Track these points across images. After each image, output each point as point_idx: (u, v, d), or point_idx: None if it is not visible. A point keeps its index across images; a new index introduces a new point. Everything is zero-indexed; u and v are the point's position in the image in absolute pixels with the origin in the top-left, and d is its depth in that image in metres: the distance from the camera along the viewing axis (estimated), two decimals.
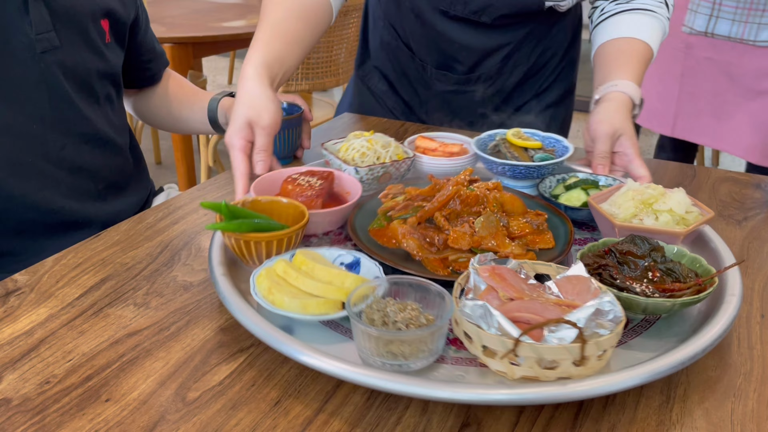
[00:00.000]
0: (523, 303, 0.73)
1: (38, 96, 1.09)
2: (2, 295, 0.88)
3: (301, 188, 0.99)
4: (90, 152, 1.19)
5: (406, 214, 0.97)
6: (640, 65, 1.26)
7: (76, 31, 1.14)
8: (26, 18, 1.05)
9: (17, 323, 0.82)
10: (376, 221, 0.99)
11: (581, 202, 1.05)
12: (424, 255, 0.90)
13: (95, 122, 1.19)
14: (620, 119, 1.17)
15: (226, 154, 1.30)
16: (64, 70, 1.12)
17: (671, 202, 0.94)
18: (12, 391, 0.71)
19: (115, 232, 1.05)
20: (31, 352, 0.77)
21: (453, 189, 0.96)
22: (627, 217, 0.94)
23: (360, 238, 0.94)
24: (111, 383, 0.72)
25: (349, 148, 1.12)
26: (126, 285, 0.90)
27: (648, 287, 0.80)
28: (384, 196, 1.02)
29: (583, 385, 0.67)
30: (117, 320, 0.83)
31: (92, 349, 0.77)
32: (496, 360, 0.69)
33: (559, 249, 0.94)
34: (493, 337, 0.68)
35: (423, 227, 0.94)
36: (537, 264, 0.83)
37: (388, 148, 1.13)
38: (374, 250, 0.91)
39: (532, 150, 1.19)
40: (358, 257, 0.87)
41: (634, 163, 1.13)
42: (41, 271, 0.93)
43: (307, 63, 2.82)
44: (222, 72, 5.81)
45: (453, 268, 0.89)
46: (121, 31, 1.25)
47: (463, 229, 0.91)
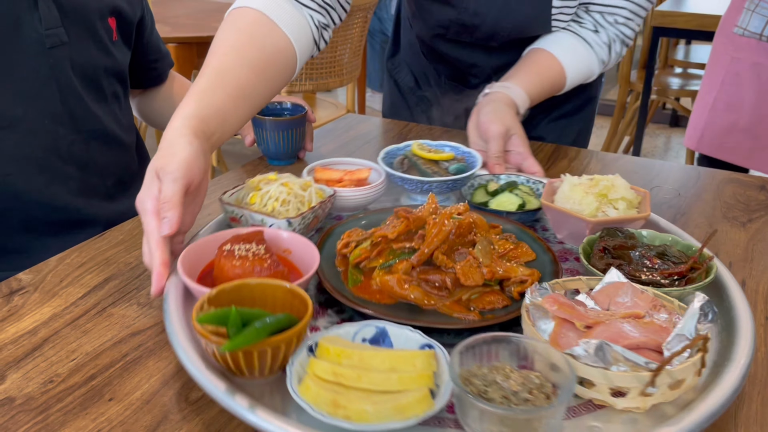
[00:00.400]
0: (608, 327, 0.67)
1: (48, 91, 1.10)
2: (6, 294, 0.88)
3: (248, 261, 0.79)
4: (98, 149, 1.20)
5: (388, 261, 0.86)
6: (543, 83, 1.30)
7: (83, 27, 1.15)
8: (35, 14, 1.06)
9: (21, 322, 0.82)
10: (351, 278, 0.85)
11: (517, 205, 1.04)
12: (437, 302, 0.81)
13: (103, 119, 1.20)
14: (510, 118, 1.20)
15: (230, 154, 1.30)
16: (73, 66, 1.13)
17: (621, 189, 0.96)
18: (16, 390, 0.71)
19: (119, 231, 1.05)
20: (34, 351, 0.77)
21: (449, 222, 0.85)
22: (593, 212, 0.95)
23: (354, 300, 0.80)
24: (114, 383, 0.72)
25: (264, 197, 0.95)
26: (130, 284, 0.90)
27: (654, 275, 0.81)
28: (344, 246, 0.88)
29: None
30: (120, 320, 0.83)
31: (96, 349, 0.78)
32: (627, 398, 0.65)
33: (547, 260, 0.89)
34: (625, 376, 0.63)
35: (422, 271, 0.84)
36: (567, 281, 0.80)
37: (307, 188, 0.98)
38: (385, 312, 0.78)
39: (446, 162, 1.14)
40: (380, 327, 0.73)
41: (528, 161, 1.17)
42: (45, 270, 0.93)
43: (311, 63, 2.82)
44: None
45: (474, 307, 0.81)
46: (128, 29, 1.26)
47: (470, 262, 0.83)
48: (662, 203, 1.19)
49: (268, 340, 0.65)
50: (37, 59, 1.08)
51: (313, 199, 0.97)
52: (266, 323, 0.66)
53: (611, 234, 0.89)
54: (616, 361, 0.64)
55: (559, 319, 0.71)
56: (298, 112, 1.30)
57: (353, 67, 3.12)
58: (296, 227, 0.92)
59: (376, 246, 0.87)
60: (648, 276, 0.81)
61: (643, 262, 0.83)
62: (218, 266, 0.81)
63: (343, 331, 0.72)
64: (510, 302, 0.82)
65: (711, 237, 0.88)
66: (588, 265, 0.85)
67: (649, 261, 0.83)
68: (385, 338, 0.73)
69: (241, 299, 0.71)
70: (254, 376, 0.68)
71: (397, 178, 1.09)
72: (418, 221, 0.87)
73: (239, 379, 0.69)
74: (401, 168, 1.13)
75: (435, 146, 1.19)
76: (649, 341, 0.66)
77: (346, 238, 0.89)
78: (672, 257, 0.85)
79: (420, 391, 0.62)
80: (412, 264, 0.84)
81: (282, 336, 0.65)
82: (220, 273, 0.80)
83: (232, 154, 3.95)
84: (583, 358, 0.64)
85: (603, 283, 0.76)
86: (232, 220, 0.97)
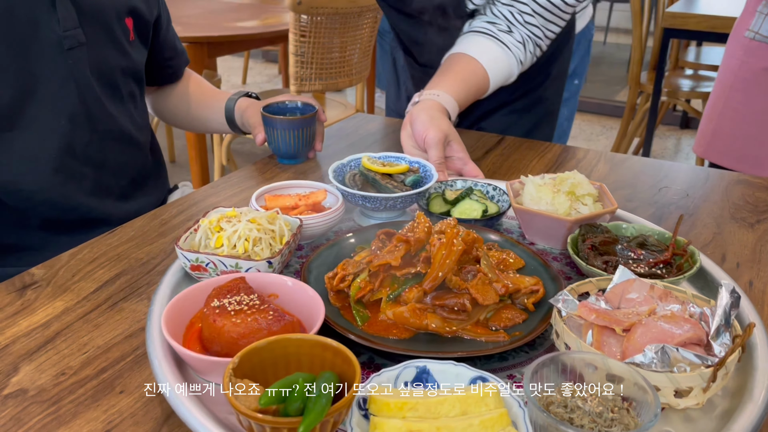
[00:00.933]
0: (647, 328, 0.68)
1: (66, 92, 1.11)
2: (19, 288, 0.89)
3: (248, 316, 0.72)
4: (113, 149, 1.21)
5: (395, 291, 0.81)
6: (470, 89, 1.33)
7: (101, 28, 1.16)
8: (54, 15, 1.07)
9: (34, 316, 0.83)
10: (357, 315, 0.80)
11: (480, 212, 1.04)
12: (458, 327, 0.77)
13: (119, 120, 1.21)
14: (447, 125, 1.21)
15: (239, 153, 1.32)
16: (91, 66, 1.14)
17: (585, 185, 0.99)
18: (28, 381, 0.72)
19: (130, 228, 1.06)
20: (47, 344, 0.78)
21: (458, 241, 0.81)
22: (567, 211, 0.96)
23: (373, 340, 0.75)
24: (125, 375, 0.73)
25: (232, 237, 0.86)
26: (140, 280, 0.92)
27: (641, 267, 0.83)
28: (340, 280, 0.82)
29: None
30: (131, 314, 0.84)
31: (107, 342, 0.79)
32: (689, 397, 0.65)
33: (536, 265, 0.89)
34: (690, 376, 0.63)
35: (435, 296, 0.80)
36: (580, 285, 0.79)
37: (274, 221, 0.90)
38: (410, 347, 0.74)
39: (401, 175, 1.10)
40: (420, 366, 0.68)
41: (468, 165, 1.20)
42: (57, 266, 0.95)
43: (320, 63, 2.83)
44: (236, 72, 5.84)
45: (495, 326, 0.79)
46: (145, 29, 1.27)
47: (481, 279, 0.80)
48: (670, 204, 1.19)
49: (331, 409, 0.58)
50: (55, 60, 1.09)
51: (285, 232, 0.90)
52: (327, 390, 0.59)
53: (590, 231, 0.92)
54: (675, 361, 0.64)
55: (597, 326, 0.70)
56: (309, 111, 1.30)
57: (362, 67, 3.13)
58: (276, 267, 0.85)
59: (375, 276, 0.82)
60: (635, 267, 0.83)
61: (627, 254, 0.85)
62: (212, 326, 0.71)
63: (384, 378, 0.67)
64: (527, 315, 0.81)
65: (680, 222, 0.93)
66: (587, 265, 0.85)
67: (633, 252, 0.86)
68: (428, 377, 0.68)
69: (273, 359, 0.65)
70: None
71: (357, 198, 1.02)
72: (418, 243, 0.82)
73: None
74: (355, 185, 1.06)
75: (382, 158, 1.14)
76: (693, 336, 0.67)
77: (341, 271, 0.82)
78: (652, 246, 0.88)
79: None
80: (424, 290, 0.79)
81: (342, 402, 0.59)
82: (216, 333, 0.71)
83: (242, 153, 3.97)
84: (645, 365, 0.64)
85: (614, 283, 0.77)
86: (193, 269, 0.86)
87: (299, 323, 0.75)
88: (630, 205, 1.17)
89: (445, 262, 0.79)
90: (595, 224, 0.93)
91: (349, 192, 1.02)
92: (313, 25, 2.71)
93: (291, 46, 2.73)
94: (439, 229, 0.83)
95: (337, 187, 1.04)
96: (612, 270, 0.82)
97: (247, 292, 0.76)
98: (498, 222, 1.05)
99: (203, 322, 0.73)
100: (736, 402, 0.68)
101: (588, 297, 0.77)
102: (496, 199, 1.08)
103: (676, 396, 0.65)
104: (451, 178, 1.13)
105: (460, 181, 1.12)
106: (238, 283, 0.77)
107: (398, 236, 0.83)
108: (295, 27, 2.68)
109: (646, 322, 0.69)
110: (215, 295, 0.75)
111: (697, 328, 0.67)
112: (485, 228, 0.97)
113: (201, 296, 0.77)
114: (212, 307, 0.73)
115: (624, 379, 0.62)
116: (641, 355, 0.64)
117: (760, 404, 0.67)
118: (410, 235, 0.83)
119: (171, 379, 0.68)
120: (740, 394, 0.69)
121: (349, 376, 0.63)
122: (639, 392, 0.61)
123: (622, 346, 0.68)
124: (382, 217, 1.06)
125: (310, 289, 0.79)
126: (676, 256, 0.87)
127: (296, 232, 0.91)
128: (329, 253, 0.91)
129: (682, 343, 0.66)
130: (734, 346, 0.65)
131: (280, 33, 2.92)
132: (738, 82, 1.85)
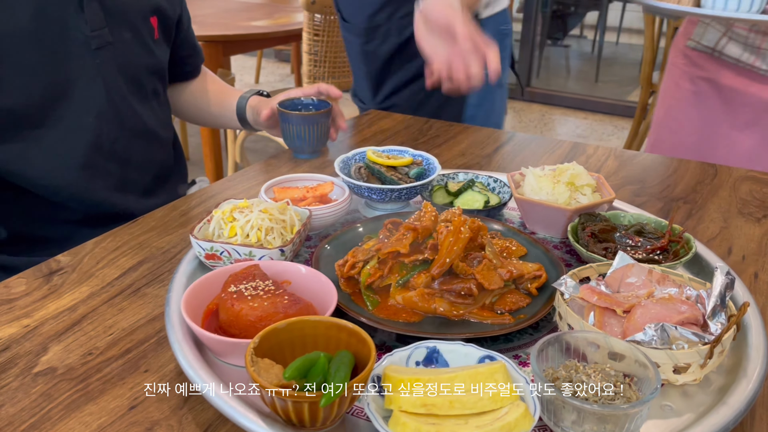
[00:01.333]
0: (646, 309, 0.71)
1: (94, 91, 1.14)
2: (46, 274, 0.93)
3: (265, 300, 0.75)
4: (138, 146, 1.24)
5: (403, 277, 0.84)
6: None
7: (127, 27, 1.19)
8: (81, 15, 1.11)
9: (61, 299, 0.87)
10: (368, 300, 0.83)
11: (482, 203, 1.06)
12: (465, 311, 0.81)
13: (144, 117, 1.24)
14: (457, 3, 1.13)
15: (253, 150, 1.37)
16: (117, 65, 1.17)
17: (584, 176, 1.02)
18: (57, 361, 0.76)
19: (151, 218, 1.10)
20: (74, 326, 0.82)
21: (465, 228, 0.84)
22: (567, 201, 0.99)
23: (384, 323, 0.78)
24: (149, 356, 0.77)
25: (245, 227, 0.89)
26: (162, 267, 0.95)
27: (639, 253, 0.86)
28: (351, 267, 0.85)
29: None
30: (154, 299, 0.88)
31: (131, 325, 0.82)
32: (687, 373, 0.68)
33: (539, 253, 0.91)
34: (688, 353, 0.66)
35: (442, 281, 0.83)
36: (581, 270, 0.82)
37: (285, 211, 0.93)
38: (420, 329, 0.77)
39: (405, 167, 1.14)
40: (430, 347, 0.71)
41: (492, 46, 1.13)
42: (82, 253, 0.98)
43: (333, 61, 2.86)
44: (249, 71, 5.89)
45: (500, 309, 0.82)
46: (168, 28, 1.31)
47: (487, 265, 0.83)
48: (678, 198, 1.21)
49: (349, 383, 0.61)
50: (83, 59, 1.12)
51: (296, 222, 0.93)
52: (345, 367, 0.63)
53: (590, 219, 0.95)
54: (674, 339, 0.67)
55: (599, 308, 0.73)
56: (323, 107, 1.34)
57: None
58: (288, 255, 0.88)
59: (384, 263, 0.85)
60: (633, 254, 0.86)
61: (625, 241, 0.89)
62: (230, 310, 0.74)
63: (396, 358, 0.69)
64: (530, 299, 0.84)
65: (676, 210, 0.99)
66: (587, 252, 0.88)
67: (631, 239, 0.89)
68: (438, 357, 0.71)
69: (291, 340, 0.69)
70: (321, 426, 0.64)
71: (363, 189, 1.06)
72: (425, 232, 0.85)
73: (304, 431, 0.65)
74: (360, 177, 1.10)
75: (387, 152, 1.17)
76: (690, 316, 0.70)
77: (351, 258, 0.86)
78: (649, 233, 0.92)
79: (519, 406, 0.61)
80: (432, 276, 0.82)
81: (360, 377, 0.62)
82: (233, 317, 0.74)
83: (255, 151, 4.01)
84: (645, 342, 0.67)
85: (614, 268, 0.79)
86: (208, 258, 0.89)
87: (313, 308, 0.78)
88: (638, 200, 1.19)
89: (453, 248, 0.82)
90: (594, 213, 0.96)
91: (355, 184, 1.06)
92: (327, 25, 2.74)
93: (304, 45, 2.77)
94: (446, 218, 0.87)
95: (344, 179, 1.07)
96: (611, 256, 0.85)
97: (262, 278, 0.79)
98: (499, 213, 1.08)
99: (221, 307, 0.76)
100: (732, 378, 0.71)
101: (589, 281, 0.80)
102: (498, 191, 1.11)
103: (674, 372, 0.68)
104: (452, 171, 1.16)
105: (462, 173, 1.15)
106: (253, 270, 0.80)
107: (406, 225, 0.86)
108: (309, 26, 2.72)
109: (645, 303, 0.71)
110: (232, 281, 0.78)
111: (693, 309, 0.70)
112: (488, 218, 1.00)
113: (217, 283, 0.80)
114: (230, 293, 0.76)
115: (625, 357, 0.65)
116: (641, 334, 0.67)
117: (753, 380, 0.70)
118: (417, 223, 0.86)
119: (191, 360, 0.71)
120: (735, 370, 0.72)
121: (364, 355, 0.66)
122: (640, 369, 0.63)
123: (623, 327, 0.70)
124: (387, 209, 1.10)
125: (323, 275, 0.82)
126: (673, 242, 0.90)
127: (306, 222, 0.94)
128: (338, 242, 0.94)
129: (680, 323, 0.69)
130: (729, 324, 0.68)
131: (293, 32, 2.96)
132: (679, 92, 1.80)
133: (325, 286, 0.80)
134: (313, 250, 0.98)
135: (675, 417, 0.67)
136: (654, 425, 0.66)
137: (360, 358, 0.66)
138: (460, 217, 0.86)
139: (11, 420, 0.67)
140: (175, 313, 0.78)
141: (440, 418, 0.62)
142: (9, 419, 0.67)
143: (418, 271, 0.84)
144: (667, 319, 0.69)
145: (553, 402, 0.61)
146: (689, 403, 0.69)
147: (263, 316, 0.73)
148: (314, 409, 0.61)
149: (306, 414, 0.62)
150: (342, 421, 0.66)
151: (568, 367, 0.64)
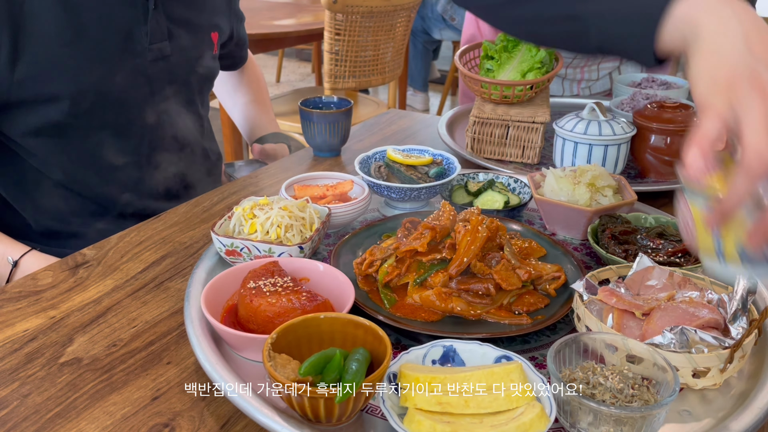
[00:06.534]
0: (666, 312, 0.70)
1: (142, 101, 1.16)
2: (72, 266, 0.95)
3: (283, 296, 0.75)
4: (175, 154, 1.26)
5: (421, 276, 0.84)
6: None
7: (189, 42, 1.21)
8: (144, 27, 1.12)
9: (86, 292, 0.89)
10: (385, 298, 0.83)
11: (502, 203, 1.06)
12: (482, 311, 0.80)
13: (187, 126, 1.27)
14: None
15: None
16: (170, 78, 1.19)
17: (605, 177, 1.01)
18: (83, 351, 0.77)
19: (173, 213, 1.11)
20: (99, 318, 0.84)
21: (483, 228, 0.84)
22: (588, 202, 0.99)
23: (401, 321, 0.78)
24: (171, 348, 0.78)
25: (266, 224, 0.90)
26: (184, 262, 0.97)
27: (661, 255, 0.85)
28: (369, 265, 0.86)
29: None
30: (177, 293, 0.89)
31: (154, 318, 0.84)
32: (707, 377, 0.67)
33: (558, 254, 0.91)
34: (708, 356, 0.65)
35: (459, 281, 0.83)
36: (601, 272, 0.82)
37: (305, 209, 0.94)
38: (436, 329, 0.77)
39: (425, 167, 1.14)
40: (447, 346, 0.71)
41: None
42: (107, 247, 1.00)
43: (354, 61, 2.87)
44: (270, 70, 5.93)
45: (518, 310, 0.82)
46: (224, 43, 1.36)
47: (504, 265, 0.83)
48: None
49: (365, 380, 0.62)
50: (137, 71, 1.13)
51: (315, 220, 0.93)
52: (361, 365, 0.63)
53: (610, 221, 0.94)
54: (694, 343, 0.66)
55: (618, 310, 0.73)
56: (344, 105, 1.35)
57: (395, 66, 3.16)
58: (307, 252, 0.89)
59: (402, 262, 0.85)
60: (654, 256, 0.85)
61: (646, 244, 0.88)
62: (248, 306, 0.75)
63: (412, 356, 0.70)
64: (548, 300, 0.84)
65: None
66: (607, 254, 0.88)
67: (652, 242, 0.88)
68: (455, 356, 0.71)
69: (308, 336, 0.70)
70: (337, 422, 0.65)
71: (383, 188, 1.06)
72: (443, 231, 0.85)
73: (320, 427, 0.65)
74: (380, 176, 1.10)
75: (406, 150, 1.17)
76: (711, 320, 0.69)
77: (369, 257, 0.86)
78: (670, 236, 0.91)
79: (535, 407, 0.61)
80: (450, 275, 0.82)
81: (375, 374, 0.63)
82: (252, 313, 0.75)
83: None
84: (664, 345, 0.66)
85: (634, 270, 0.79)
86: (228, 254, 0.90)
87: (330, 305, 0.79)
88: (659, 202, 1.18)
89: (470, 248, 0.83)
90: (615, 215, 0.96)
91: (375, 183, 1.06)
92: (348, 24, 2.75)
93: (326, 44, 2.79)
94: (464, 218, 0.87)
95: (363, 177, 1.08)
96: (631, 258, 0.85)
97: (280, 275, 0.79)
98: (519, 213, 1.08)
99: (240, 302, 0.77)
100: (752, 383, 0.70)
101: (608, 284, 0.79)
102: (518, 191, 1.11)
103: (694, 377, 0.67)
104: (472, 171, 1.16)
105: (482, 173, 1.15)
106: (272, 266, 0.81)
107: (424, 224, 0.87)
108: (331, 25, 2.73)
109: (665, 306, 0.71)
110: (251, 277, 0.79)
111: (714, 313, 0.70)
112: (507, 218, 1.00)
113: (237, 279, 0.81)
114: (248, 288, 0.77)
115: (644, 360, 0.64)
116: (660, 337, 0.66)
117: None
118: (436, 223, 0.86)
119: (209, 355, 0.72)
120: (756, 376, 0.71)
121: (380, 352, 0.66)
122: (658, 372, 0.63)
123: (642, 329, 0.70)
124: (406, 208, 1.10)
125: (341, 273, 0.82)
126: None
127: (325, 220, 0.94)
128: (356, 240, 0.95)
129: (700, 327, 0.68)
130: (750, 329, 0.67)
131: (314, 31, 2.97)
132: None
133: (342, 284, 0.81)
134: (331, 247, 0.98)
135: (694, 422, 0.67)
136: (672, 430, 0.66)
137: (376, 356, 0.67)
138: (477, 217, 0.86)
139: (38, 408, 0.69)
140: (194, 308, 0.80)
141: (455, 417, 0.62)
142: (36, 407, 0.69)
143: (436, 270, 0.84)
144: (687, 323, 0.68)
145: (570, 403, 0.61)
146: (708, 408, 0.69)
147: (281, 312, 0.74)
148: (330, 405, 0.62)
149: (321, 410, 0.62)
150: (357, 417, 0.67)
151: (586, 369, 0.64)
